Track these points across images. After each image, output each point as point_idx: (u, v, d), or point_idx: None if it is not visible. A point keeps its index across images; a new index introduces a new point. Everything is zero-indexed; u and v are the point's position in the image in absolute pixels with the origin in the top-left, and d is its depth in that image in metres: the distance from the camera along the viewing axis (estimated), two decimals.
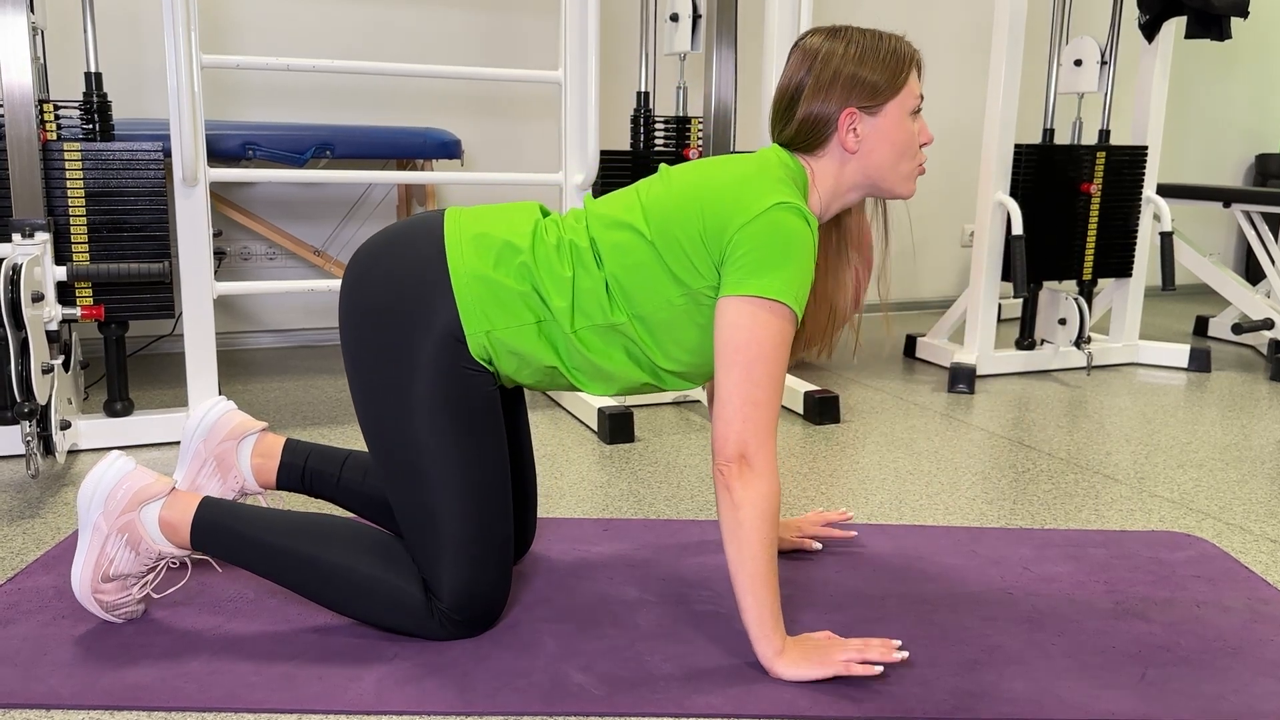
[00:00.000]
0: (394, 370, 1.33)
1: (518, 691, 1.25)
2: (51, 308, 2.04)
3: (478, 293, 1.33)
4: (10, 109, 2.00)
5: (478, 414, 1.35)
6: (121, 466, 1.37)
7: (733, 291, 1.27)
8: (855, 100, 1.35)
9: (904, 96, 1.37)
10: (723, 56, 2.71)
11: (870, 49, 1.36)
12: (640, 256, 1.33)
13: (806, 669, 1.28)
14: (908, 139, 1.38)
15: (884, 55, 1.36)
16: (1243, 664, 1.37)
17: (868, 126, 1.36)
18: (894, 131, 1.37)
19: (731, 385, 1.26)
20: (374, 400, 1.35)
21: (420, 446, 1.32)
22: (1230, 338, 3.76)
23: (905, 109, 1.37)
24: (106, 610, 1.38)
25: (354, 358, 1.36)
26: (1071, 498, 2.04)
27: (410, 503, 1.34)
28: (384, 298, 1.34)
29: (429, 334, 1.32)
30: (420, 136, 2.99)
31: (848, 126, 1.36)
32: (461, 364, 1.34)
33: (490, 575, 1.36)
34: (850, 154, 1.38)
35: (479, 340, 1.33)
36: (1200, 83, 4.82)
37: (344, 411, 2.59)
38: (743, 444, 1.25)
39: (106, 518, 1.35)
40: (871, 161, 1.38)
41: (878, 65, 1.35)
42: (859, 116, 1.36)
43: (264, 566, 1.36)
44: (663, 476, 2.12)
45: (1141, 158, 3.16)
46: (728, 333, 1.27)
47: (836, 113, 1.35)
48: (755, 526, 1.25)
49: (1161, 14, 3.09)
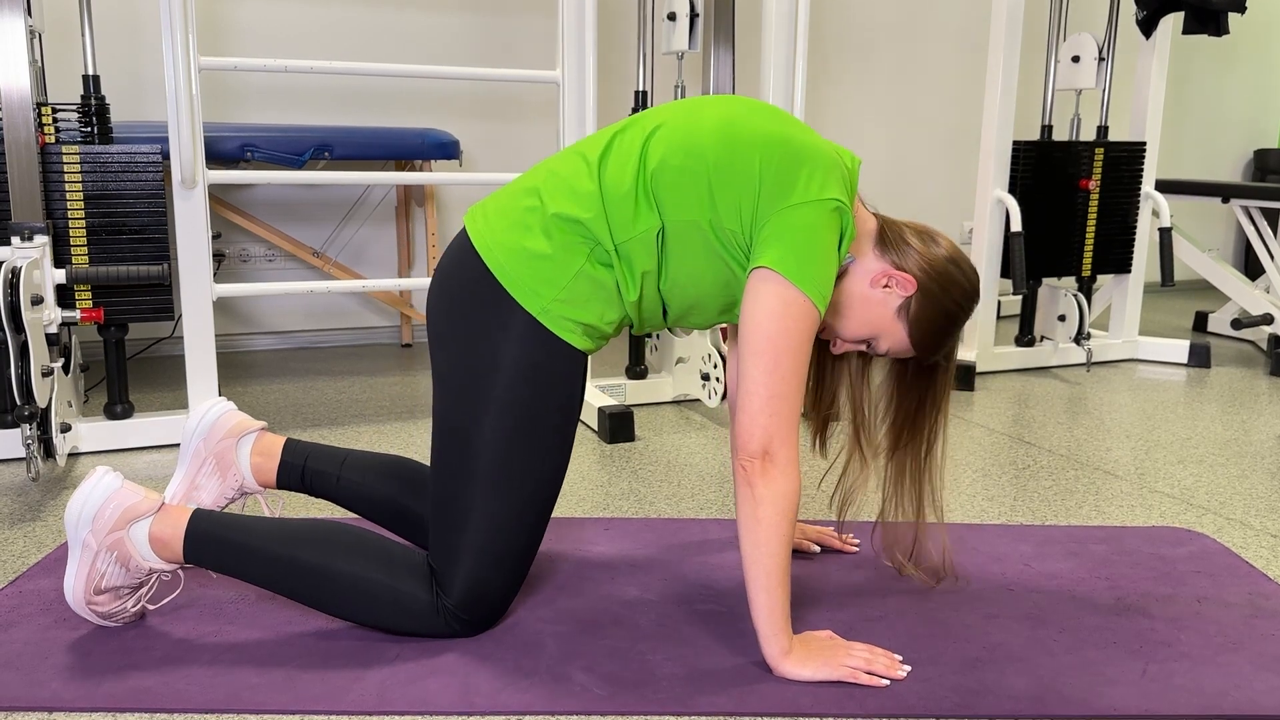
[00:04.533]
0: (477, 368, 1.31)
1: (520, 691, 1.25)
2: (51, 311, 2.04)
3: (517, 266, 1.31)
4: (8, 112, 2.00)
5: (548, 426, 1.33)
6: (109, 484, 1.35)
7: (775, 266, 1.24)
8: (915, 319, 1.39)
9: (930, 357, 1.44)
10: (720, 55, 2.71)
11: (948, 324, 1.41)
12: (693, 165, 1.29)
13: (812, 670, 1.28)
14: (873, 329, 1.42)
15: (942, 331, 1.41)
16: (1244, 659, 1.37)
17: (895, 300, 1.39)
18: (890, 326, 1.41)
19: (759, 377, 1.24)
20: (451, 391, 1.34)
21: (483, 444, 1.31)
22: (1230, 333, 3.76)
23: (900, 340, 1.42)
24: (103, 618, 1.37)
25: (442, 351, 1.36)
26: (1072, 494, 2.04)
27: (451, 495, 1.33)
28: (460, 329, 1.34)
29: (509, 335, 1.31)
30: (418, 137, 2.99)
31: (896, 283, 1.38)
32: (544, 362, 1.31)
33: (504, 581, 1.36)
34: (872, 287, 1.39)
35: (548, 315, 1.30)
36: (1198, 78, 4.82)
37: (344, 413, 2.59)
38: (768, 439, 1.24)
39: (95, 535, 1.33)
40: (868, 317, 1.41)
41: (940, 336, 1.42)
42: (906, 298, 1.39)
43: (262, 576, 1.35)
44: (663, 475, 2.12)
45: (1140, 154, 3.17)
46: (761, 319, 1.25)
47: (910, 270, 1.38)
48: (775, 524, 1.24)
49: (1159, 10, 3.09)
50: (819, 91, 4.04)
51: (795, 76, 2.54)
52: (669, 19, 2.78)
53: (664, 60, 3.72)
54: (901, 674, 1.29)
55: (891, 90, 4.16)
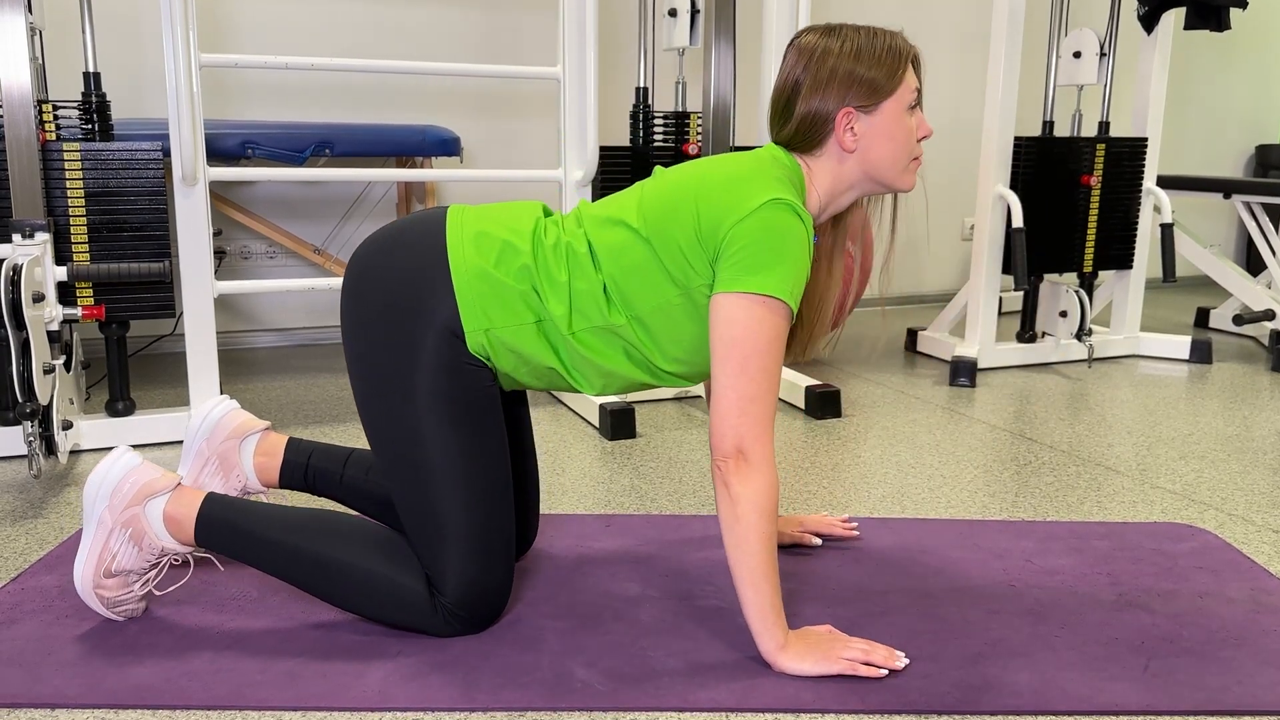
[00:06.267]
0: (395, 364, 1.33)
1: (522, 688, 1.25)
2: (52, 308, 2.04)
3: (478, 290, 1.33)
4: (9, 110, 2.00)
5: (477, 410, 1.35)
6: (128, 461, 1.37)
7: (727, 288, 1.27)
8: (853, 99, 1.35)
9: (901, 93, 1.36)
10: (721, 51, 2.71)
11: (866, 46, 1.36)
12: (637, 257, 1.33)
13: (810, 664, 1.28)
14: (905, 135, 1.38)
15: (880, 52, 1.36)
16: (1246, 654, 1.37)
17: (865, 125, 1.36)
18: (891, 128, 1.37)
19: (728, 381, 1.26)
20: (375, 394, 1.35)
21: (421, 440, 1.33)
22: (1231, 329, 3.76)
23: (902, 105, 1.37)
24: (108, 606, 1.38)
25: (356, 353, 1.36)
26: (1074, 490, 2.04)
27: (413, 498, 1.34)
28: (386, 294, 1.34)
29: (430, 329, 1.32)
30: (419, 134, 2.99)
31: (845, 126, 1.36)
32: (461, 359, 1.34)
33: (493, 571, 1.36)
34: (848, 153, 1.38)
35: (478, 338, 1.33)
36: (1200, 74, 4.81)
37: (345, 410, 2.59)
38: (740, 439, 1.25)
39: (111, 511, 1.35)
40: (870, 159, 1.38)
41: (874, 62, 1.35)
42: (856, 115, 1.35)
43: (268, 563, 1.37)
44: (664, 472, 2.12)
45: (1141, 149, 3.16)
46: (723, 328, 1.27)
47: (834, 112, 1.35)
48: (753, 522, 1.25)
49: (1160, 5, 3.09)
50: None
51: None
52: (670, 15, 2.78)
53: (665, 56, 3.71)
54: (900, 665, 1.29)
55: None
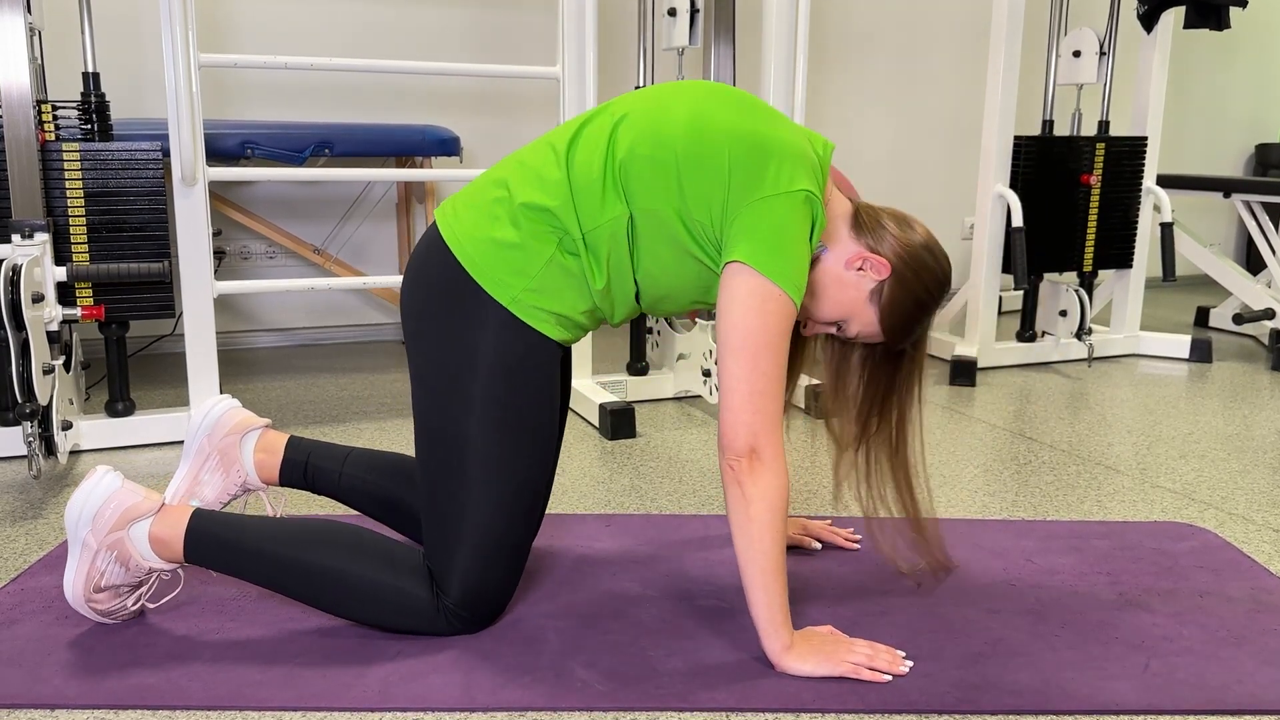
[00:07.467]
0: (453, 364, 1.31)
1: (522, 688, 1.25)
2: (52, 308, 2.04)
3: (489, 258, 1.30)
4: (8, 110, 1.99)
5: (530, 418, 1.33)
6: (109, 484, 1.35)
7: (746, 259, 1.24)
8: (887, 304, 1.37)
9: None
10: (721, 51, 2.71)
11: (933, 305, 1.40)
12: (662, 156, 1.28)
13: (814, 665, 1.28)
14: (833, 312, 1.40)
15: (912, 318, 1.40)
16: (1246, 654, 1.36)
17: (862, 286, 1.37)
18: (850, 307, 1.39)
19: (739, 374, 1.24)
20: (431, 391, 1.33)
21: (468, 441, 1.31)
22: (1231, 328, 3.76)
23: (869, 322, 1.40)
24: (103, 616, 1.38)
25: (416, 349, 1.35)
26: (1074, 489, 2.04)
27: (442, 492, 1.33)
28: (430, 316, 1.33)
29: (484, 329, 1.31)
30: (419, 134, 2.99)
31: (868, 267, 1.36)
32: (524, 341, 1.31)
33: (501, 576, 1.36)
34: (846, 269, 1.37)
35: (520, 308, 1.30)
36: (1199, 73, 4.81)
37: (345, 410, 2.59)
38: (753, 436, 1.24)
39: (95, 535, 1.33)
40: (836, 296, 1.39)
41: (909, 323, 1.40)
42: (870, 279, 1.37)
43: (263, 576, 1.35)
44: (665, 472, 2.12)
45: (1141, 148, 3.16)
46: (738, 316, 1.24)
47: (880, 264, 1.36)
48: (766, 521, 1.24)
49: (1160, 4, 3.09)
50: (820, 86, 4.03)
51: (796, 72, 2.54)
52: (669, 14, 2.78)
53: (664, 56, 3.71)
54: (903, 669, 1.29)
55: (892, 85, 4.16)
